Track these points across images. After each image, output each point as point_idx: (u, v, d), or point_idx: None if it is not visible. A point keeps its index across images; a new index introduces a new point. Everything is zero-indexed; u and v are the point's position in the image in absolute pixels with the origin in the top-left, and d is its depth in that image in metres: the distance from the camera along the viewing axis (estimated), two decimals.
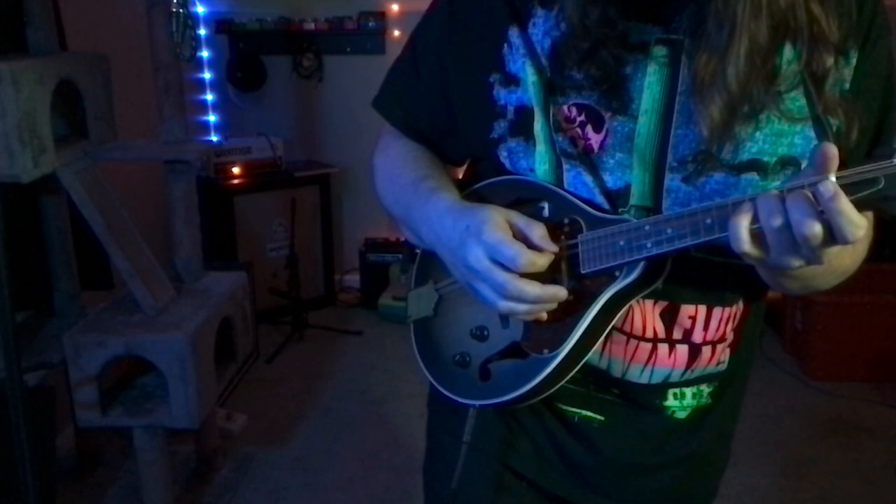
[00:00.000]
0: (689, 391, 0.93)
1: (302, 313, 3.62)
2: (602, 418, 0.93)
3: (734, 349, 0.92)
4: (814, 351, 3.22)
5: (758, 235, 0.66)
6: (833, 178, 0.62)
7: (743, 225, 0.65)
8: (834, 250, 0.64)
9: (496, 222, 0.78)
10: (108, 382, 2.12)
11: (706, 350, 0.89)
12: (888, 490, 2.54)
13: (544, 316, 0.81)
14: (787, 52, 0.75)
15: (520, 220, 0.80)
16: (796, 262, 0.65)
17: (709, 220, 0.69)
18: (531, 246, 0.78)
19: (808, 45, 0.74)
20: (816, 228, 0.61)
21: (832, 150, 0.62)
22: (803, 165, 0.77)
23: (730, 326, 0.90)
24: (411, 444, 2.73)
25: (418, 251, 1.04)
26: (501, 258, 0.77)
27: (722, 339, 0.90)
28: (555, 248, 0.79)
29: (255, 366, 3.29)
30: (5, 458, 1.71)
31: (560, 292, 0.78)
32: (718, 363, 0.92)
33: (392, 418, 2.94)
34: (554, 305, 0.80)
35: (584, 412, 0.93)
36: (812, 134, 0.77)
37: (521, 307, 0.79)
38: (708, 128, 0.75)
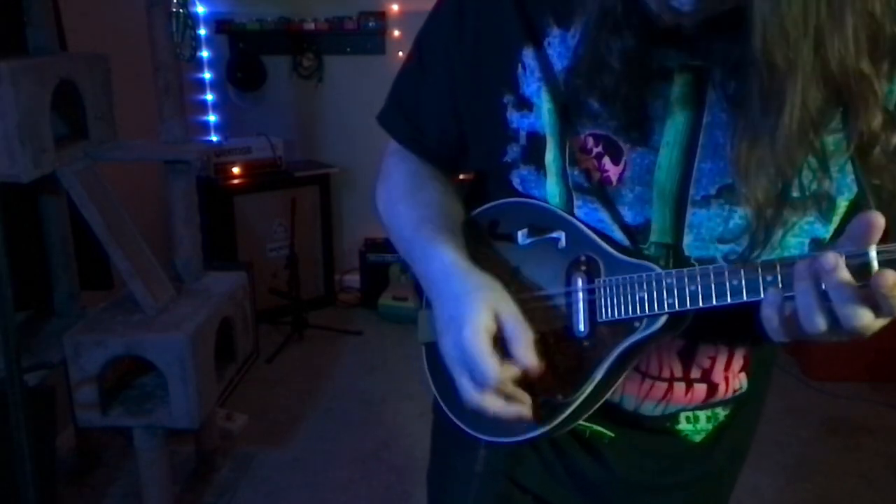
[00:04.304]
0: (702, 414, 0.90)
1: (302, 313, 3.62)
2: (613, 435, 0.91)
3: (749, 373, 0.88)
4: (814, 351, 3.21)
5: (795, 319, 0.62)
6: (874, 253, 0.56)
7: (775, 319, 0.62)
8: (879, 322, 0.59)
9: (480, 328, 0.73)
10: (108, 382, 2.12)
11: (723, 385, 0.86)
12: (888, 490, 2.54)
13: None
14: (833, 119, 0.68)
15: (510, 322, 0.74)
16: (837, 339, 0.62)
17: (736, 283, 0.64)
18: (512, 352, 0.73)
19: (856, 108, 0.65)
20: (868, 318, 0.57)
21: (878, 220, 0.56)
22: (838, 200, 0.72)
23: (745, 357, 0.86)
24: (411, 444, 2.73)
25: None
26: (473, 372, 0.73)
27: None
28: (535, 363, 0.73)
29: (255, 366, 3.29)
30: (5, 458, 1.71)
31: (524, 414, 0.75)
32: (735, 391, 0.88)
33: (392, 418, 2.94)
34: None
35: (596, 427, 0.90)
36: (849, 168, 0.70)
37: (474, 406, 0.76)
38: (755, 209, 0.67)
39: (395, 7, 3.83)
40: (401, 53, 3.82)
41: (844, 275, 0.57)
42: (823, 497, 2.51)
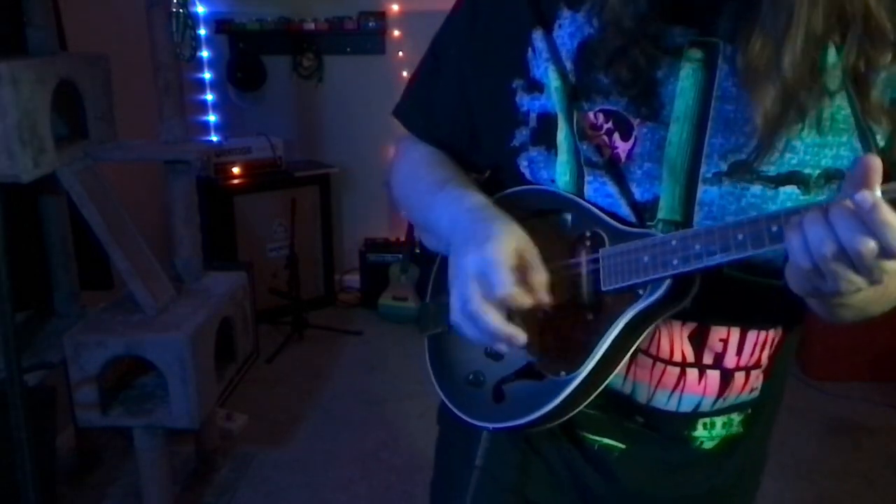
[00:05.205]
0: (719, 420, 0.88)
1: (302, 313, 3.62)
2: (623, 447, 0.88)
3: (768, 376, 0.87)
4: (814, 351, 3.22)
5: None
6: (878, 192, 0.56)
7: (801, 253, 0.60)
8: (892, 266, 0.58)
9: (505, 244, 0.73)
10: (108, 382, 2.12)
11: (739, 376, 0.84)
12: (888, 490, 2.54)
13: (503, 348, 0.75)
14: (832, 49, 0.70)
15: (532, 257, 0.74)
16: (853, 284, 0.60)
17: (740, 236, 0.63)
18: (530, 281, 0.73)
19: (858, 41, 0.68)
20: (871, 244, 0.56)
21: (875, 162, 0.57)
22: None
23: (766, 353, 0.85)
24: (411, 444, 2.73)
25: (437, 260, 0.99)
26: (487, 277, 0.72)
27: (757, 365, 0.85)
28: (547, 301, 0.74)
29: (255, 366, 3.29)
30: (5, 458, 1.71)
31: (518, 338, 0.72)
32: (752, 390, 0.87)
33: (392, 418, 2.94)
34: (504, 349, 0.74)
35: (605, 440, 0.89)
36: (858, 146, 0.71)
37: (470, 331, 0.73)
38: (762, 118, 0.69)
39: (395, 7, 3.83)
40: (401, 53, 3.83)
41: (846, 203, 0.58)
42: (823, 497, 2.51)
